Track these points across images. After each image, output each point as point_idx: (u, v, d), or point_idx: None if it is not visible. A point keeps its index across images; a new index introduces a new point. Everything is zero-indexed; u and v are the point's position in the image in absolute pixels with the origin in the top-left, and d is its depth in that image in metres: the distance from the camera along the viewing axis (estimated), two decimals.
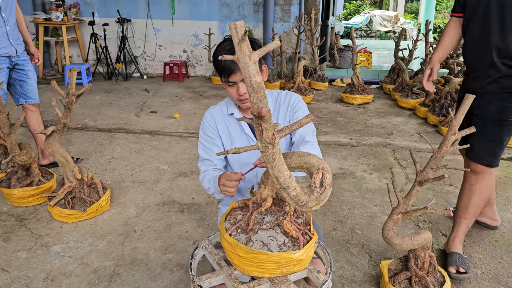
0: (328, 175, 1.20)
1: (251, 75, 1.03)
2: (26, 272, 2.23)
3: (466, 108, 1.71)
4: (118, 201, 3.00)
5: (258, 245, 1.32)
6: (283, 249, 1.31)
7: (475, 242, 2.54)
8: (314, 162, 1.23)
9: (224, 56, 1.03)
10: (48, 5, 7.34)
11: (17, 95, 3.25)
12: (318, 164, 1.22)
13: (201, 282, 1.34)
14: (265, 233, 1.35)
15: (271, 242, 1.33)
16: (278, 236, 1.34)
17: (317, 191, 1.19)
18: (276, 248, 1.32)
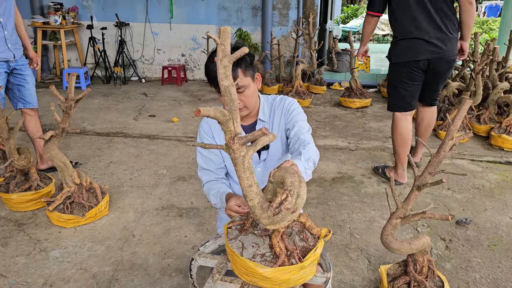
0: (291, 199, 1.15)
1: (220, 78, 1.11)
2: (24, 277, 2.22)
3: (464, 112, 1.72)
4: (117, 205, 3.00)
5: (236, 245, 1.32)
6: (254, 259, 1.27)
7: (474, 246, 2.55)
8: (288, 182, 1.20)
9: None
10: (46, 9, 7.34)
11: (16, 99, 3.25)
12: (289, 185, 1.18)
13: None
14: (253, 238, 1.35)
15: (249, 248, 1.31)
16: (262, 246, 1.31)
17: (271, 211, 1.16)
18: (249, 255, 1.29)
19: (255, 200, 1.17)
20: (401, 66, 3.09)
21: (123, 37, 7.19)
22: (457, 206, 3.04)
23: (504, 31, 7.09)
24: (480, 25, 14.92)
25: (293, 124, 1.79)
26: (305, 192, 1.19)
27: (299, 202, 1.14)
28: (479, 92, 4.31)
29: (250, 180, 1.17)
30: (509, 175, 3.57)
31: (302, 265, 1.26)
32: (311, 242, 1.34)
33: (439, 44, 2.98)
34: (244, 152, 1.15)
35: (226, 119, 1.12)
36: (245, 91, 1.70)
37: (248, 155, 1.16)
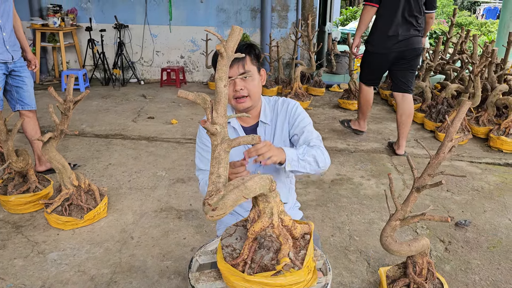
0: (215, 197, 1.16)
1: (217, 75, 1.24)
2: (22, 280, 2.21)
3: (463, 114, 1.72)
4: (115, 207, 2.99)
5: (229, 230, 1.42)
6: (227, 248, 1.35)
7: (473, 248, 2.54)
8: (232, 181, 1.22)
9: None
10: (45, 10, 7.34)
11: (14, 101, 3.24)
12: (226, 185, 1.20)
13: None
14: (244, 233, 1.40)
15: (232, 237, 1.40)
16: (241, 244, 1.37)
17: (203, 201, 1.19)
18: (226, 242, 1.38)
19: (210, 187, 1.20)
20: (376, 54, 4.00)
21: (122, 39, 7.19)
22: (456, 208, 3.04)
23: (502, 33, 7.10)
24: (479, 27, 14.95)
25: (302, 130, 1.79)
26: (234, 199, 1.16)
27: (221, 203, 1.14)
28: (478, 94, 4.31)
29: (214, 169, 1.21)
30: (508, 177, 3.57)
31: (244, 277, 1.24)
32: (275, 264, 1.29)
33: (407, 41, 3.84)
34: (217, 142, 1.21)
35: (206, 107, 1.20)
36: (250, 79, 1.71)
37: (220, 146, 1.22)
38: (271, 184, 1.24)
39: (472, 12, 21.33)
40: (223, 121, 1.22)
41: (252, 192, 1.19)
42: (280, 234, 1.30)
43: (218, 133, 1.20)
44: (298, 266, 1.27)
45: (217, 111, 1.20)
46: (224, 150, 1.21)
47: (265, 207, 1.28)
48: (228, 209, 1.16)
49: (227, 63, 1.18)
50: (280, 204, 1.31)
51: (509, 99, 4.23)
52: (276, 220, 1.29)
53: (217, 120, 1.20)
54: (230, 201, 1.15)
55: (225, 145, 1.21)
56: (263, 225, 1.28)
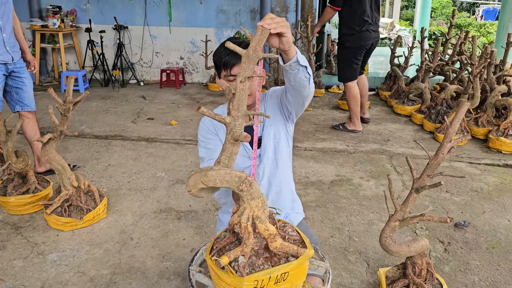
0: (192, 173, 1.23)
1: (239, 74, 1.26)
2: (22, 281, 2.21)
3: (462, 115, 1.72)
4: (115, 208, 2.99)
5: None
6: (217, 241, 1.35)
7: (472, 249, 2.55)
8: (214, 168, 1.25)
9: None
10: (45, 12, 7.34)
11: (13, 102, 3.25)
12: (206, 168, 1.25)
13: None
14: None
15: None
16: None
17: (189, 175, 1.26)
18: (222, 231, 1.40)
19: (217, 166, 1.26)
20: (355, 49, 4.62)
21: (122, 40, 7.19)
22: (455, 209, 3.04)
23: (501, 34, 7.11)
24: (478, 28, 14.97)
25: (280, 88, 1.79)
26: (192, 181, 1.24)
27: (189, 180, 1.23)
28: (477, 95, 4.32)
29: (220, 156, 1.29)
30: (507, 178, 3.58)
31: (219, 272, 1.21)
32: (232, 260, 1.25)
33: (375, 33, 4.69)
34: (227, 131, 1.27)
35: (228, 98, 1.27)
36: (254, 79, 1.71)
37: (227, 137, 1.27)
38: (239, 183, 1.19)
39: (471, 13, 21.37)
40: (235, 114, 1.26)
41: (211, 182, 1.20)
42: (244, 236, 1.23)
43: (228, 124, 1.25)
44: (241, 273, 1.18)
45: (233, 103, 1.26)
46: (229, 141, 1.27)
47: (242, 205, 1.25)
48: (190, 187, 1.25)
49: (246, 61, 1.22)
50: (256, 209, 1.23)
51: (508, 100, 4.24)
52: (244, 221, 1.23)
53: (232, 112, 1.26)
54: (191, 181, 1.24)
55: (229, 136, 1.26)
56: (233, 221, 1.26)
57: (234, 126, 1.25)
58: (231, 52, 1.68)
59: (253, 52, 1.20)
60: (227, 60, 1.68)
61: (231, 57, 1.67)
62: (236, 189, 1.20)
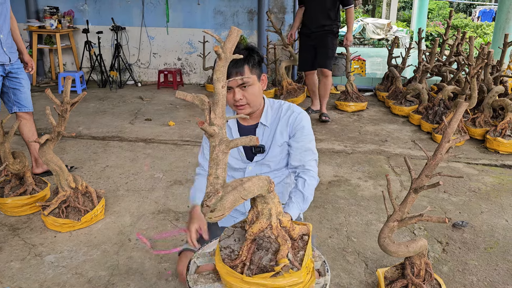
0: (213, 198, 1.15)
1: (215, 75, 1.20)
2: (19, 282, 2.20)
3: (459, 115, 1.72)
4: (113, 209, 2.98)
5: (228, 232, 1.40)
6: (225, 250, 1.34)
7: (470, 249, 2.55)
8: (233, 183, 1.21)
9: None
10: (42, 13, 7.33)
11: (11, 103, 3.23)
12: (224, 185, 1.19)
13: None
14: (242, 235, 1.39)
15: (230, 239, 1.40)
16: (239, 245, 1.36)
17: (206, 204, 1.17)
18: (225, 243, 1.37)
19: (208, 188, 1.20)
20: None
21: (119, 41, 7.18)
22: (453, 209, 3.05)
23: (498, 35, 7.13)
24: (475, 29, 15.03)
25: (300, 146, 1.81)
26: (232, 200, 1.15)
27: (219, 205, 1.14)
28: (474, 95, 4.33)
29: (212, 170, 1.20)
30: (504, 178, 3.59)
31: (242, 278, 1.24)
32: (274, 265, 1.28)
33: None
34: (215, 143, 1.19)
35: (204, 108, 1.18)
36: (248, 88, 1.71)
37: (218, 147, 1.19)
38: (269, 185, 1.24)
39: (467, 14, 21.44)
40: (221, 122, 1.20)
41: (250, 193, 1.18)
42: (278, 235, 1.30)
43: (216, 134, 1.19)
44: (297, 267, 1.27)
45: (215, 112, 1.19)
46: (222, 151, 1.20)
47: (263, 208, 1.28)
48: (226, 210, 1.15)
49: (225, 64, 1.17)
50: (278, 205, 1.30)
51: (505, 100, 4.25)
52: (274, 221, 1.29)
53: (215, 121, 1.19)
54: (228, 203, 1.15)
55: (223, 146, 1.20)
56: (262, 227, 1.28)
57: (222, 136, 1.21)
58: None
59: (229, 54, 1.17)
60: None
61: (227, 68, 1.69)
62: (266, 192, 1.24)
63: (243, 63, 1.67)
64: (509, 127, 4.14)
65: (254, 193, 1.20)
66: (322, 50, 5.05)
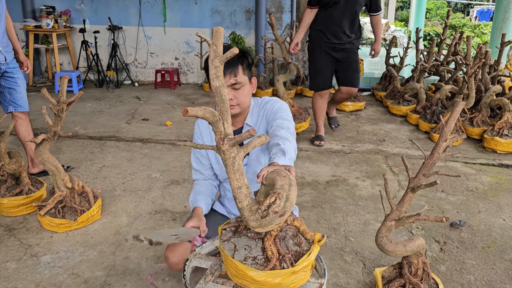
0: (279, 202, 1.12)
1: (211, 78, 1.13)
2: (15, 283, 2.19)
3: (457, 115, 1.72)
4: (110, 210, 2.97)
5: (228, 247, 1.31)
6: (246, 261, 1.26)
7: (468, 248, 2.55)
8: (278, 184, 1.17)
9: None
10: (38, 12, 7.29)
11: (6, 103, 3.21)
12: (278, 188, 1.15)
13: None
14: (246, 241, 1.33)
15: (241, 250, 1.30)
16: (254, 249, 1.29)
17: (259, 213, 1.14)
18: (240, 257, 1.27)
19: (244, 202, 1.16)
20: None
21: (116, 40, 7.16)
22: (451, 209, 3.04)
23: (495, 35, 7.15)
24: (472, 29, 15.06)
25: (274, 120, 1.76)
26: (295, 195, 1.15)
27: (287, 205, 1.12)
28: (472, 95, 4.33)
29: (240, 182, 1.16)
30: (502, 177, 3.59)
31: (293, 270, 1.23)
32: (304, 247, 1.31)
33: None
34: (234, 153, 1.15)
35: (216, 120, 1.13)
36: (241, 89, 1.73)
37: (238, 156, 1.16)
38: None
39: (465, 14, 21.49)
40: (231, 130, 1.17)
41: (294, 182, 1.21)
42: (293, 219, 1.31)
43: (226, 151, 1.15)
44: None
45: (227, 120, 1.15)
46: (242, 159, 1.18)
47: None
48: (292, 209, 1.16)
49: (221, 68, 1.15)
50: None
51: (503, 100, 4.25)
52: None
53: (228, 130, 1.15)
54: (294, 198, 1.15)
55: (241, 154, 1.17)
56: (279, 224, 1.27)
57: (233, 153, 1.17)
58: None
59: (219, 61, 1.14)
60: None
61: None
62: None
63: (237, 63, 1.68)
64: (506, 127, 4.14)
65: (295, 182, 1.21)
66: (351, 66, 4.20)
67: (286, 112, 1.79)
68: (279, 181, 1.16)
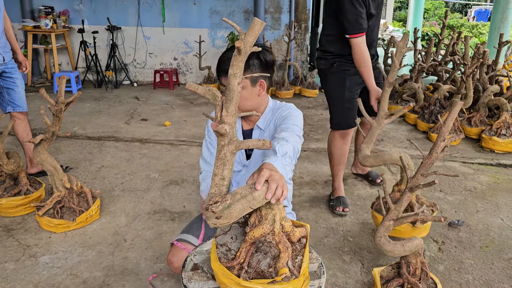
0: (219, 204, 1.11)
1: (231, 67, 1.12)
2: (13, 284, 2.19)
3: (455, 114, 1.72)
4: (108, 210, 2.97)
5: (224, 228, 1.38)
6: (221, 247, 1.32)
7: (466, 248, 2.55)
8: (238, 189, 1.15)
9: None
10: (37, 12, 7.29)
11: (5, 103, 3.21)
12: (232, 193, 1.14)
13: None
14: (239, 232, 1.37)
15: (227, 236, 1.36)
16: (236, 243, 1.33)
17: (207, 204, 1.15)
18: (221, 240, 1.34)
19: (213, 189, 1.17)
20: None
21: (115, 41, 7.16)
22: (449, 208, 3.05)
23: (493, 35, 7.17)
24: (470, 29, 15.09)
25: (280, 125, 1.74)
26: (240, 209, 1.12)
27: (226, 212, 1.10)
28: (470, 94, 4.34)
29: (218, 170, 1.17)
30: (500, 177, 3.60)
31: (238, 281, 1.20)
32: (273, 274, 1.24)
33: None
34: (224, 142, 1.15)
35: (216, 104, 1.13)
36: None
37: (227, 147, 1.15)
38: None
39: (463, 14, 21.53)
40: (232, 121, 1.14)
41: (259, 203, 1.15)
42: (279, 241, 1.25)
43: (227, 134, 1.14)
44: (296, 275, 1.23)
45: (228, 109, 1.12)
46: (230, 151, 1.16)
47: (267, 213, 1.24)
48: (232, 219, 1.12)
49: (243, 59, 1.10)
50: (282, 210, 1.27)
51: (501, 100, 4.26)
52: (277, 227, 1.25)
53: (226, 119, 1.13)
54: (236, 212, 1.12)
55: (232, 146, 1.15)
56: (264, 232, 1.24)
57: (232, 135, 1.16)
58: (224, 61, 1.68)
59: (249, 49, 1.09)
60: (221, 70, 1.69)
61: (223, 65, 1.67)
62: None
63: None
64: (504, 126, 4.15)
65: (262, 203, 1.16)
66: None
67: (295, 119, 1.75)
68: (240, 189, 1.15)
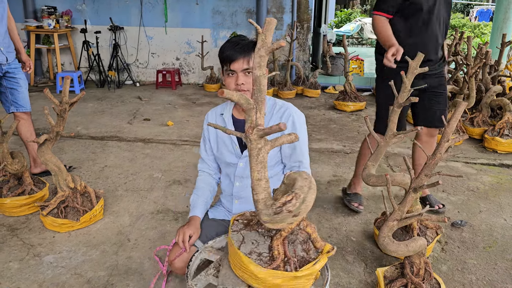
0: (295, 202, 1.11)
1: (254, 67, 1.12)
2: (18, 283, 2.20)
3: (459, 115, 1.73)
4: (112, 210, 2.98)
5: (236, 238, 1.32)
6: (250, 256, 1.27)
7: (469, 248, 2.55)
8: (297, 185, 1.16)
9: None
10: (39, 12, 7.31)
11: (8, 103, 3.22)
12: (297, 188, 1.15)
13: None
14: (255, 236, 1.34)
15: (248, 243, 1.30)
16: (262, 246, 1.30)
17: (273, 209, 1.13)
18: (246, 250, 1.28)
19: (261, 195, 1.16)
20: None
21: (117, 41, 7.17)
22: (452, 208, 3.05)
23: (496, 35, 7.16)
24: (472, 29, 15.06)
25: (294, 146, 1.83)
26: (312, 199, 1.14)
27: (303, 207, 1.11)
28: (473, 95, 4.34)
29: (261, 174, 1.16)
30: (503, 177, 3.59)
31: (295, 275, 1.23)
32: (312, 254, 1.31)
33: None
34: (261, 145, 1.14)
35: (250, 108, 1.12)
36: (251, 75, 1.76)
37: (264, 148, 1.15)
38: None
39: (465, 14, 21.50)
40: (263, 121, 1.15)
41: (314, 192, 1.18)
42: (306, 225, 1.31)
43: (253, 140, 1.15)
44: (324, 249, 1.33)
45: (260, 111, 1.13)
46: (267, 152, 1.17)
47: None
48: (307, 212, 1.13)
49: (266, 59, 1.16)
50: None
51: (503, 100, 4.26)
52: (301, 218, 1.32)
53: (260, 121, 1.14)
54: (310, 204, 1.12)
55: (268, 147, 1.16)
56: (292, 226, 1.27)
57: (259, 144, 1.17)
58: (233, 48, 1.72)
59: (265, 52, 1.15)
60: (228, 55, 1.72)
61: (233, 52, 1.71)
62: None
63: (251, 50, 1.72)
64: (507, 127, 4.15)
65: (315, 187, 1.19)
66: (441, 99, 2.83)
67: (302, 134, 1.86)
68: (300, 182, 1.16)
